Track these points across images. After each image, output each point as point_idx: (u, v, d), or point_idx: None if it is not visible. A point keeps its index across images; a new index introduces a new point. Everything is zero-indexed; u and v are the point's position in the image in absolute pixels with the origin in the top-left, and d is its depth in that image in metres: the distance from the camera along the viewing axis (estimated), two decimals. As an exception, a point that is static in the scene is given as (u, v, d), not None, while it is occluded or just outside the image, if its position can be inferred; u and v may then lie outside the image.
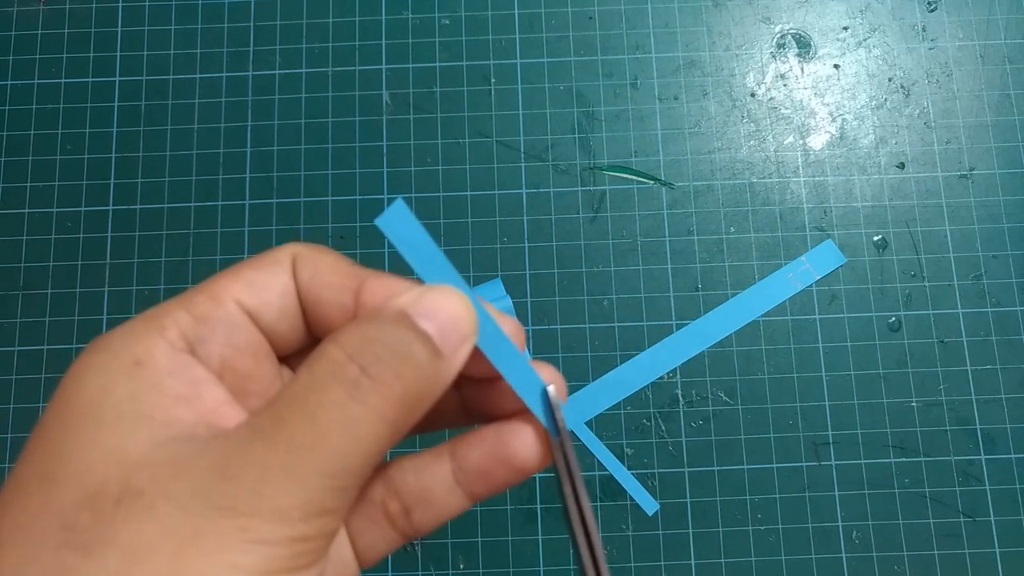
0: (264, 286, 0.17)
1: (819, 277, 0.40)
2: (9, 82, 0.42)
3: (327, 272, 0.18)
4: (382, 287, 0.17)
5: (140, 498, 0.14)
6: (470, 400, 0.20)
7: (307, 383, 0.15)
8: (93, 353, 0.16)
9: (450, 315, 0.16)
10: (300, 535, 0.14)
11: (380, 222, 0.17)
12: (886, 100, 0.42)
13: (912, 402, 0.38)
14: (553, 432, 0.19)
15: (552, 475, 0.38)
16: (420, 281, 0.17)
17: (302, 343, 0.18)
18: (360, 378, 0.15)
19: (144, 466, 0.14)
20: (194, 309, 0.17)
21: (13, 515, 0.14)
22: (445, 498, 0.19)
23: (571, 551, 0.19)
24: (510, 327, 0.18)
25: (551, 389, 0.19)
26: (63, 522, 0.14)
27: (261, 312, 0.17)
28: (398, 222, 0.17)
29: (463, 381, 0.19)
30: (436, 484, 0.19)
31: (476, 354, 0.18)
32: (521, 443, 0.19)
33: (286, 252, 0.18)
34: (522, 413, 0.19)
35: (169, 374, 0.16)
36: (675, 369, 0.39)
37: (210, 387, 0.16)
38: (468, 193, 0.41)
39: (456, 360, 0.16)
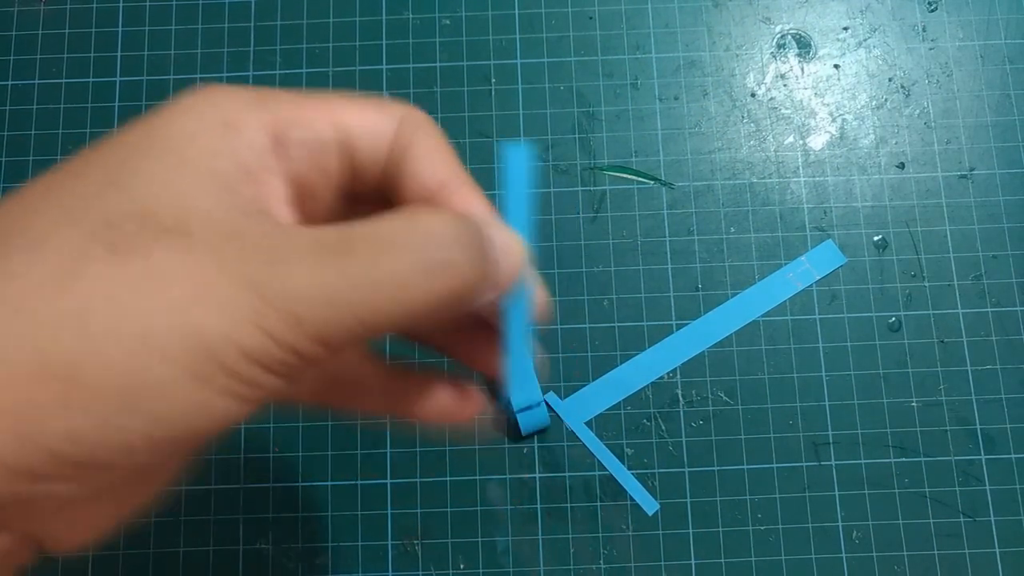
0: (370, 125, 0.18)
1: (819, 277, 0.40)
2: (10, 82, 0.42)
3: (433, 151, 0.18)
4: (466, 195, 0.18)
5: (187, 237, 0.14)
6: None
7: (387, 232, 0.15)
8: (196, 96, 0.16)
9: (514, 255, 0.17)
10: (297, 348, 0.14)
11: (508, 150, 0.18)
12: (886, 100, 0.42)
13: (912, 402, 0.38)
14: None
15: (549, 474, 0.38)
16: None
17: (371, 195, 0.19)
18: (431, 259, 0.15)
19: (202, 213, 0.14)
20: (299, 109, 0.17)
21: (58, 176, 0.15)
22: (364, 396, 0.21)
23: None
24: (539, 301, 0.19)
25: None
26: (107, 219, 0.14)
27: (352, 147, 0.17)
28: (518, 162, 0.18)
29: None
30: (351, 364, 0.21)
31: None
32: (442, 402, 0.21)
33: (399, 109, 0.18)
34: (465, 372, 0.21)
35: (249, 147, 0.16)
36: (675, 369, 0.39)
37: (276, 179, 0.16)
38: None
39: (493, 294, 0.17)
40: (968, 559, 0.37)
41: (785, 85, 0.42)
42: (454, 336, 0.22)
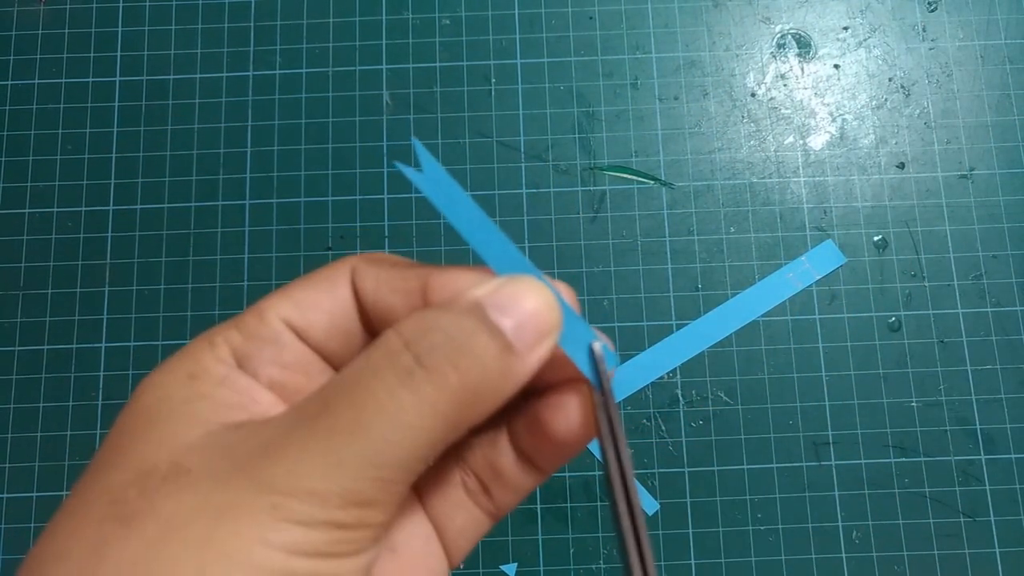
0: (312, 304, 0.17)
1: (819, 277, 0.40)
2: (10, 82, 0.42)
3: (390, 278, 0.17)
4: (451, 281, 0.17)
5: (186, 475, 0.14)
6: None
7: (358, 369, 0.15)
8: (153, 374, 0.17)
9: (531, 309, 0.16)
10: (336, 521, 0.14)
11: (414, 177, 0.16)
12: (886, 100, 0.42)
13: (912, 402, 0.38)
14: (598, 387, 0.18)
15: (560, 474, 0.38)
16: (492, 271, 0.17)
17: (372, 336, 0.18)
18: (414, 366, 0.14)
19: (194, 450, 0.15)
20: (243, 328, 0.17)
21: (70, 500, 0.15)
22: (515, 472, 0.19)
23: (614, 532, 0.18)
24: (567, 295, 0.17)
25: (597, 346, 0.17)
26: (111, 498, 0.14)
27: (309, 330, 0.17)
28: (432, 178, 0.16)
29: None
30: (502, 458, 0.19)
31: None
32: (563, 419, 0.18)
33: (342, 267, 0.18)
34: (563, 385, 0.18)
35: (221, 384, 0.16)
36: (675, 369, 0.39)
37: (261, 393, 0.16)
38: (468, 193, 0.41)
39: (533, 359, 0.16)
40: (968, 559, 0.37)
41: (785, 85, 0.42)
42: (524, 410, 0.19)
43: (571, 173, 0.41)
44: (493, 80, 0.42)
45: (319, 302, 0.17)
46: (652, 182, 0.41)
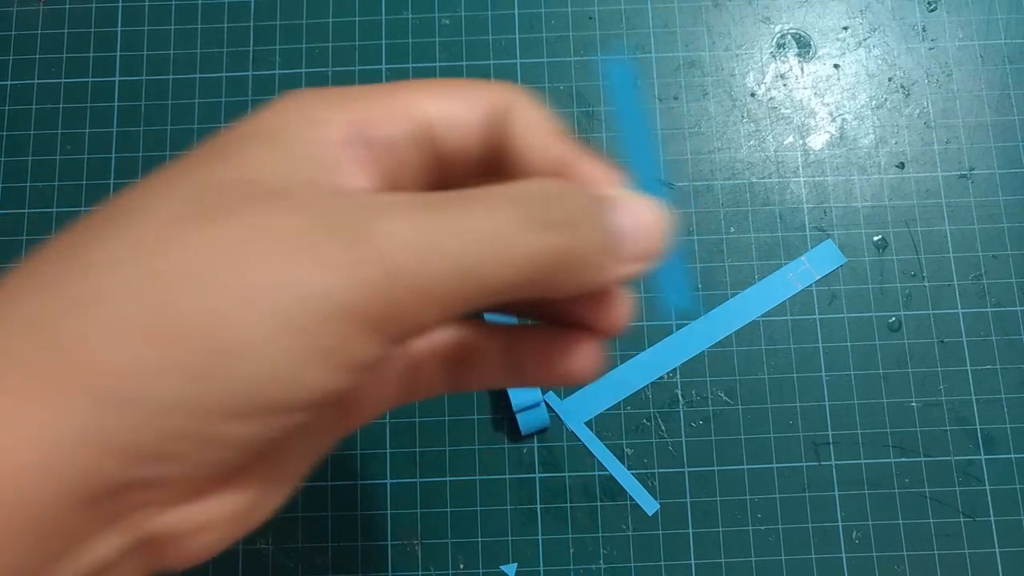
0: (448, 113, 0.17)
1: (819, 277, 0.40)
2: (9, 82, 0.42)
3: (540, 132, 0.17)
4: (596, 174, 0.17)
5: (288, 199, 0.14)
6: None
7: (488, 191, 0.15)
8: (284, 98, 0.16)
9: (647, 227, 0.16)
10: (397, 301, 0.13)
11: (607, 64, 0.18)
12: (886, 100, 0.42)
13: (912, 402, 0.38)
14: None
15: (549, 474, 0.38)
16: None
17: (469, 180, 0.18)
18: (539, 219, 0.14)
19: (303, 184, 0.14)
20: (373, 106, 0.16)
21: (158, 184, 0.15)
22: (485, 368, 0.19)
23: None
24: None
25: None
26: (206, 185, 0.14)
27: (433, 138, 0.17)
28: (621, 77, 0.17)
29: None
30: (486, 353, 0.19)
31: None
32: (583, 358, 0.18)
33: (489, 91, 0.17)
34: (587, 323, 0.19)
35: (333, 142, 0.16)
36: (675, 369, 0.39)
37: (361, 170, 0.16)
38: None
39: (623, 270, 0.16)
40: (968, 559, 0.37)
41: (785, 85, 0.42)
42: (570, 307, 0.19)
43: (571, 173, 0.41)
44: (493, 80, 0.42)
45: (452, 112, 0.17)
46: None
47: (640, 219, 0.16)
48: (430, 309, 0.14)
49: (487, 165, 0.18)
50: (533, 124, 0.17)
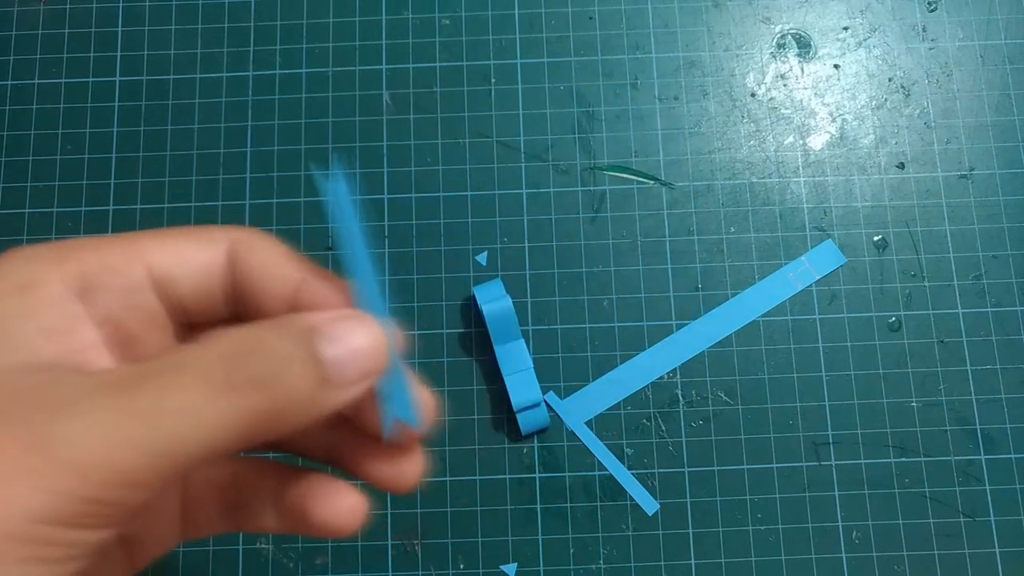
0: (186, 260, 0.17)
1: (819, 277, 0.40)
2: (9, 82, 0.42)
3: (276, 263, 0.18)
4: (320, 291, 0.17)
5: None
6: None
7: (177, 363, 0.15)
8: (3, 261, 0.16)
9: (359, 348, 0.16)
10: (93, 497, 0.13)
11: (326, 188, 0.17)
12: (886, 100, 0.42)
13: (912, 402, 0.38)
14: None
15: (549, 474, 0.38)
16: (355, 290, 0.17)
17: (216, 319, 0.18)
18: (222, 382, 0.14)
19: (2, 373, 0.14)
20: (104, 255, 0.16)
21: None
22: (258, 509, 0.19)
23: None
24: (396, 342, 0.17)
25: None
26: None
27: (173, 284, 0.17)
28: (341, 197, 0.16)
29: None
30: (259, 493, 0.19)
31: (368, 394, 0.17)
32: (337, 508, 0.18)
33: (224, 233, 0.18)
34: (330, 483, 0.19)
35: (50, 305, 0.15)
36: (675, 369, 0.39)
37: (85, 328, 0.16)
38: (468, 193, 0.41)
39: (345, 394, 0.16)
40: (968, 559, 0.37)
41: (785, 85, 0.42)
42: (337, 440, 0.19)
43: (571, 173, 0.41)
44: (493, 80, 0.42)
45: (191, 258, 0.17)
46: (652, 182, 0.41)
47: (353, 343, 0.16)
48: (133, 491, 0.14)
49: (234, 306, 0.18)
50: (268, 258, 0.18)
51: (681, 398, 0.38)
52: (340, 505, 0.18)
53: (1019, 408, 0.38)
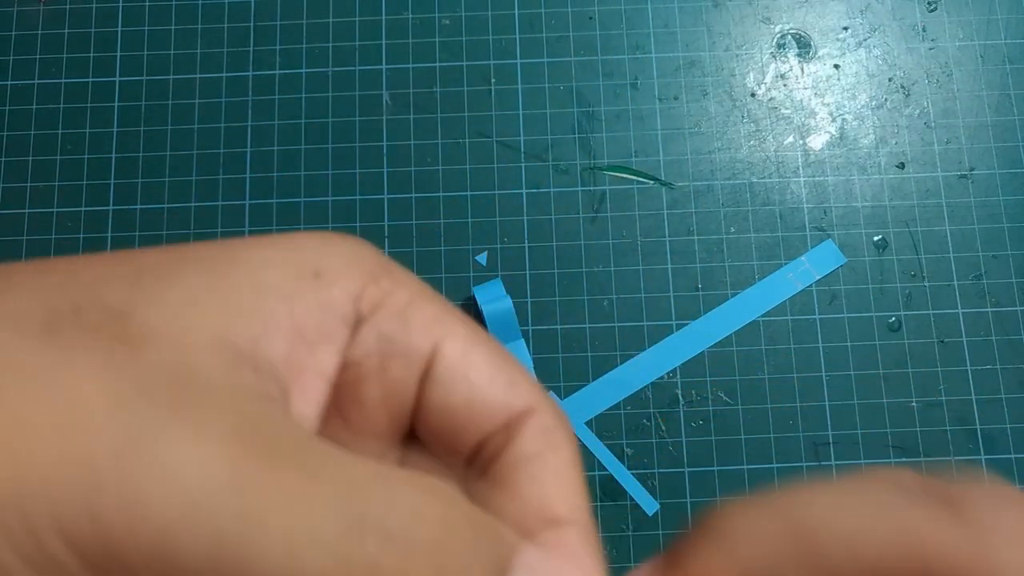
0: (483, 393, 0.13)
1: (819, 277, 0.40)
2: (9, 82, 0.42)
3: (558, 478, 0.14)
4: (577, 557, 0.13)
5: (196, 377, 0.11)
6: None
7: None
8: (323, 235, 0.13)
9: None
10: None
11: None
12: (886, 100, 0.42)
13: (912, 402, 0.38)
14: None
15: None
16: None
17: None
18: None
19: (190, 361, 0.11)
20: (410, 309, 0.13)
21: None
22: None
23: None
24: None
25: None
26: (68, 311, 0.11)
27: (439, 390, 0.13)
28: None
29: None
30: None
31: None
32: None
33: (538, 406, 0.14)
34: None
35: (324, 309, 0.13)
36: (675, 369, 0.39)
37: (330, 346, 0.13)
38: (468, 193, 0.41)
39: None
40: (968, 559, 0.37)
41: (785, 85, 0.42)
42: None
43: (571, 173, 0.41)
44: (493, 80, 0.42)
45: (486, 396, 0.13)
46: (652, 182, 0.41)
47: None
48: None
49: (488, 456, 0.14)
50: (558, 466, 0.14)
51: (681, 398, 0.38)
52: None
53: (1019, 408, 0.38)
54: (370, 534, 0.10)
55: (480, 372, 0.13)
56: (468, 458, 0.14)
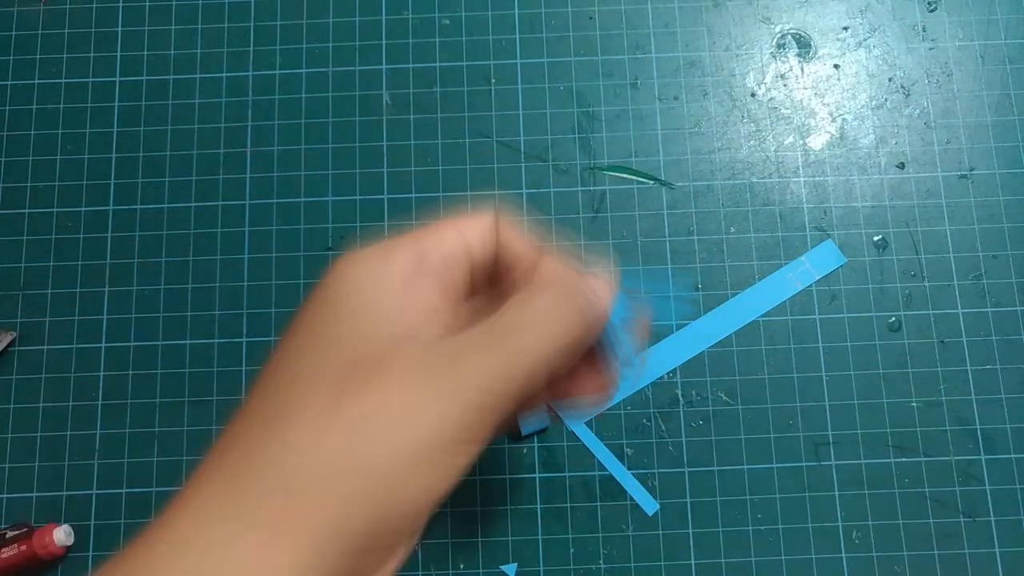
0: (484, 237, 0.23)
1: (819, 277, 0.40)
2: (9, 82, 0.42)
3: (520, 242, 0.23)
4: (555, 264, 0.23)
5: (388, 372, 0.19)
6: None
7: (524, 320, 0.20)
8: (347, 265, 0.21)
9: (607, 300, 0.22)
10: (496, 409, 0.19)
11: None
12: (886, 100, 0.42)
13: (912, 402, 0.38)
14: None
15: (549, 474, 0.38)
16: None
17: (478, 287, 0.24)
18: (569, 307, 0.21)
19: (388, 349, 0.19)
20: (423, 244, 0.21)
21: (292, 370, 0.20)
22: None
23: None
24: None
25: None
26: (334, 377, 0.19)
27: (471, 256, 0.22)
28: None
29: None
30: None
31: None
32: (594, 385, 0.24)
33: (489, 219, 0.23)
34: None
35: (401, 284, 0.20)
36: (675, 369, 0.39)
37: (427, 296, 0.21)
38: (468, 193, 0.41)
39: (601, 324, 0.22)
40: (968, 559, 0.37)
41: (785, 85, 0.42)
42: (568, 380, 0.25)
43: (571, 173, 0.41)
44: (493, 80, 0.42)
45: (486, 236, 0.23)
46: (652, 182, 0.41)
47: (599, 290, 0.22)
48: (511, 402, 0.20)
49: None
50: (514, 237, 0.24)
51: (681, 398, 0.38)
52: (595, 381, 0.24)
53: (1019, 408, 0.38)
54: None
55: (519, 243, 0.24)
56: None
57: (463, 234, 0.22)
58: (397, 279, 0.20)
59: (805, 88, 0.42)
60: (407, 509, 0.19)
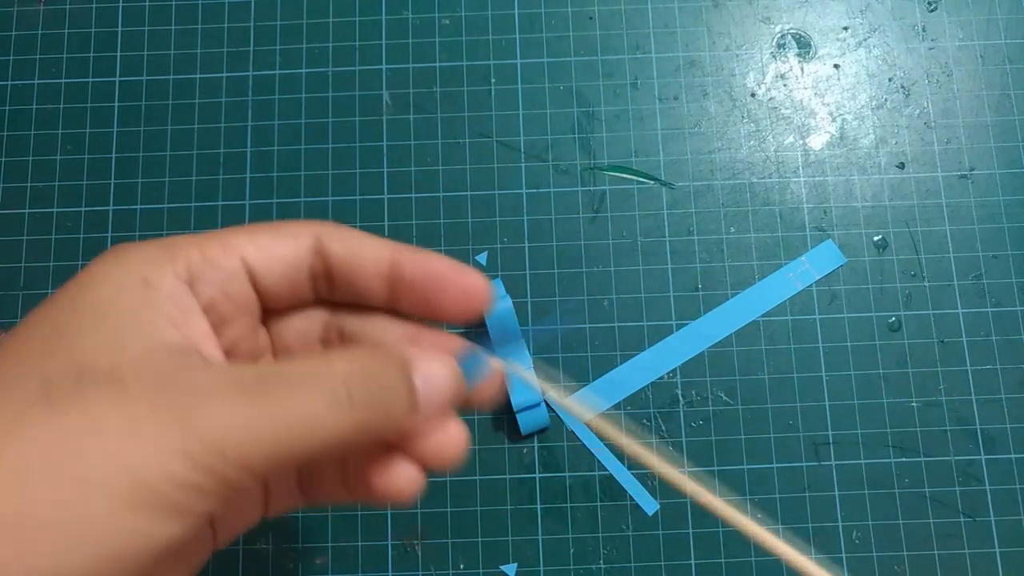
0: (274, 254, 0.20)
1: (819, 277, 0.40)
2: (9, 82, 0.42)
3: (365, 246, 0.20)
4: (414, 260, 0.20)
5: (121, 384, 0.16)
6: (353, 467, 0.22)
7: (305, 373, 0.17)
8: (110, 261, 0.18)
9: (441, 385, 0.19)
10: (221, 476, 0.16)
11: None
12: (886, 100, 0.42)
13: (912, 402, 0.38)
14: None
15: (549, 474, 0.38)
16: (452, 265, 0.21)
17: (301, 302, 0.21)
18: (345, 400, 0.17)
19: (135, 365, 0.16)
20: (206, 251, 0.19)
21: (4, 370, 0.17)
22: (326, 483, 0.22)
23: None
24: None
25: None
26: (47, 379, 0.16)
27: (262, 274, 0.20)
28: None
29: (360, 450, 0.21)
30: (326, 466, 0.22)
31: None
32: (398, 479, 0.21)
33: (307, 227, 0.20)
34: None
35: (168, 298, 0.18)
36: (675, 369, 0.39)
37: (198, 318, 0.18)
38: (468, 193, 0.41)
39: (422, 418, 0.19)
40: (968, 559, 0.37)
41: (785, 85, 0.42)
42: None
43: (571, 173, 0.41)
44: (493, 80, 0.42)
45: (279, 251, 0.20)
46: (652, 182, 0.41)
47: (437, 381, 0.19)
48: (251, 475, 0.17)
49: (320, 291, 0.21)
50: (355, 243, 0.20)
51: (681, 398, 0.38)
52: (400, 474, 0.20)
53: (1019, 408, 0.38)
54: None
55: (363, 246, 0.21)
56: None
57: (248, 255, 0.19)
58: (165, 290, 0.18)
59: (805, 88, 0.42)
60: (92, 559, 0.15)
